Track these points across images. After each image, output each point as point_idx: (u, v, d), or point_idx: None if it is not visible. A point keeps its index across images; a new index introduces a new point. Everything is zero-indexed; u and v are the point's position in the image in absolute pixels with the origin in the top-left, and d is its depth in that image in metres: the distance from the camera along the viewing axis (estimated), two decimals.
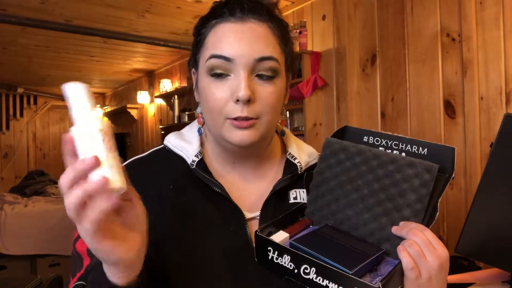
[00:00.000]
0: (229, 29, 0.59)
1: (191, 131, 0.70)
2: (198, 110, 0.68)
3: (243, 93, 0.56)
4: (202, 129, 0.69)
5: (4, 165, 5.83)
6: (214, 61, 0.58)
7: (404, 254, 0.50)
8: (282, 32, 0.63)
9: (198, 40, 0.63)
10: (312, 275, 0.50)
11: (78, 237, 0.60)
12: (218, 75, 0.59)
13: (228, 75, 0.59)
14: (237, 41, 0.58)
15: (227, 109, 0.58)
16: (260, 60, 0.58)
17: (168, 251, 0.58)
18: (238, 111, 0.58)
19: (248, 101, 0.57)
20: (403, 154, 0.60)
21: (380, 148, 0.62)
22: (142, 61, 4.42)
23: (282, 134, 0.73)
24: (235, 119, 0.58)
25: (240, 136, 0.59)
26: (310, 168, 0.69)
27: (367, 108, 2.31)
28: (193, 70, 0.67)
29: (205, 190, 0.63)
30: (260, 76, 0.59)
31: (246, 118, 0.58)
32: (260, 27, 0.59)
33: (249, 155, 0.67)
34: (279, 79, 0.61)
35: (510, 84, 1.68)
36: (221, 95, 0.58)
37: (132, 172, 0.64)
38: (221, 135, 0.61)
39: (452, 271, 1.03)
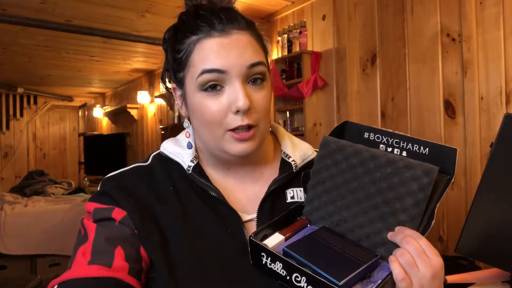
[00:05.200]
0: (216, 44, 0.58)
1: (189, 132, 0.70)
2: (185, 124, 0.69)
3: (243, 102, 0.57)
4: (191, 142, 0.69)
5: (4, 165, 5.83)
6: (206, 76, 0.58)
7: (395, 265, 0.49)
8: (259, 35, 0.64)
9: (178, 58, 0.62)
10: (303, 284, 0.50)
11: (87, 214, 0.62)
12: (213, 87, 0.59)
13: (222, 87, 0.59)
14: (227, 53, 0.58)
15: (227, 121, 0.59)
16: (252, 67, 0.59)
17: (168, 253, 0.58)
18: (239, 120, 0.58)
19: (248, 110, 0.58)
20: (404, 152, 0.59)
21: (381, 146, 0.61)
22: (142, 61, 4.42)
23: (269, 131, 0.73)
24: (236, 130, 0.59)
25: (240, 148, 0.60)
26: (307, 164, 0.69)
27: (367, 108, 2.31)
28: (173, 86, 0.66)
29: (202, 194, 0.64)
30: (252, 81, 0.60)
31: (248, 126, 0.59)
32: (243, 36, 0.60)
33: (244, 161, 0.67)
34: (267, 82, 0.63)
35: (510, 84, 1.68)
36: (218, 108, 0.59)
37: (134, 178, 0.65)
38: (220, 147, 0.61)
39: (452, 271, 1.03)
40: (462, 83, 1.83)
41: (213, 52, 0.58)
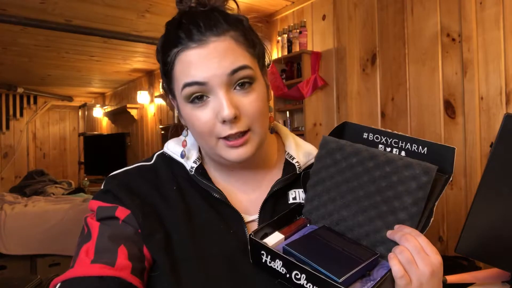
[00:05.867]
0: (193, 55, 0.57)
1: (189, 137, 0.70)
2: (184, 133, 0.69)
3: (227, 112, 0.56)
4: (184, 151, 0.68)
5: (4, 165, 5.83)
6: (189, 89, 0.57)
7: (394, 262, 0.50)
8: (245, 35, 0.60)
9: (166, 71, 0.61)
10: (303, 281, 0.50)
11: (91, 213, 0.62)
12: (199, 98, 0.58)
13: (208, 97, 0.58)
14: (205, 64, 0.56)
15: (216, 130, 0.58)
16: (233, 73, 0.57)
17: (170, 252, 0.58)
18: (228, 129, 0.57)
19: (235, 118, 0.57)
20: (403, 152, 0.59)
21: (380, 146, 0.61)
22: (142, 61, 4.42)
23: (271, 131, 0.72)
24: (228, 138, 0.58)
25: (236, 154, 0.59)
26: (310, 167, 0.69)
27: (367, 108, 2.31)
28: (170, 97, 0.66)
29: (204, 195, 0.64)
30: (239, 86, 0.58)
31: (239, 133, 0.58)
32: (222, 42, 0.57)
33: (245, 164, 0.67)
34: (257, 84, 0.60)
35: (510, 84, 1.68)
36: (206, 118, 0.58)
37: (138, 176, 0.65)
38: (217, 154, 0.61)
39: (452, 271, 1.03)
40: (462, 83, 1.83)
41: (191, 64, 0.57)
